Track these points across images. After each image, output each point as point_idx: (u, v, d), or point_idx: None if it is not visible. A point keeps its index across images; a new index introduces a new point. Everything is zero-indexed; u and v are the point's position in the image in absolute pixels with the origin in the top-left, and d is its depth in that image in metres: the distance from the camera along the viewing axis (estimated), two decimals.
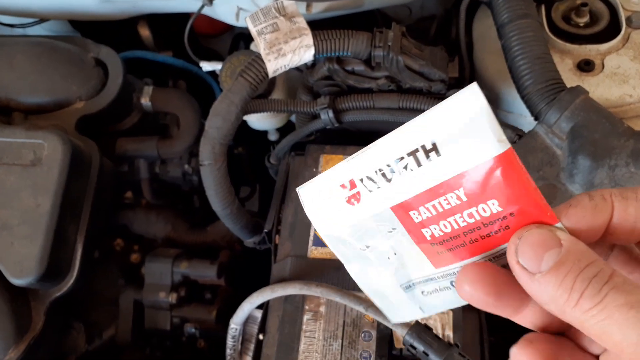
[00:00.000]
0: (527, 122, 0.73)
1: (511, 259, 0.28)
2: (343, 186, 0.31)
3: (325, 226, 0.33)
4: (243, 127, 1.05)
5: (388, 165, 0.29)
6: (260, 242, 0.79)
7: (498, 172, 0.28)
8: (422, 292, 0.33)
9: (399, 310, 0.35)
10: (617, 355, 0.27)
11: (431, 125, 0.28)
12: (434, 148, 0.28)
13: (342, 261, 0.34)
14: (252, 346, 0.73)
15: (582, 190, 0.62)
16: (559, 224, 0.29)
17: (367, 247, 0.33)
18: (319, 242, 0.67)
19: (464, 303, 0.32)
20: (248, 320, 0.71)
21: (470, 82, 0.76)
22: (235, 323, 0.69)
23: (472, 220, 0.29)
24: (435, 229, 0.30)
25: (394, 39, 0.66)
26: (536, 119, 0.68)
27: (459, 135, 0.27)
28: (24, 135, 0.70)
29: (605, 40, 0.75)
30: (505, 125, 0.68)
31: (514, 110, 0.80)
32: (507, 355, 0.59)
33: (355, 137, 0.78)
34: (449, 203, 0.29)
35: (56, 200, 0.67)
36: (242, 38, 1.08)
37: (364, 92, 0.71)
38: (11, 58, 0.79)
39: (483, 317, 0.64)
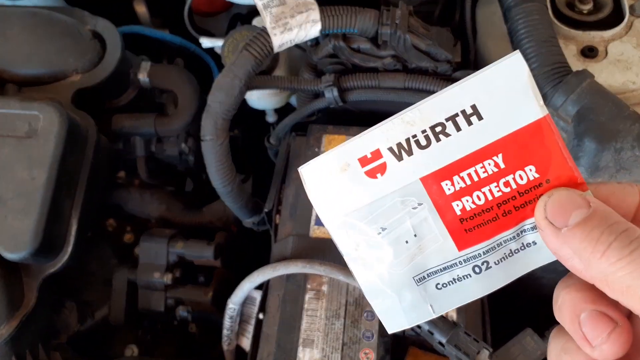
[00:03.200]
0: None
1: (539, 214, 0.28)
2: (365, 158, 0.29)
3: (330, 209, 0.31)
4: (239, 109, 1.04)
5: (423, 132, 0.28)
6: (260, 222, 0.78)
7: (538, 137, 0.28)
8: (437, 285, 0.31)
9: (405, 312, 0.32)
10: None
11: (473, 89, 0.28)
12: (475, 112, 0.28)
13: (343, 253, 0.31)
14: (249, 327, 0.72)
15: (587, 174, 0.62)
16: (589, 192, 0.28)
17: (383, 229, 0.30)
18: (321, 222, 0.66)
19: (483, 294, 0.31)
20: (246, 301, 0.70)
21: (475, 66, 0.75)
22: (234, 303, 0.67)
23: (508, 190, 0.29)
24: (467, 201, 0.29)
25: (402, 17, 0.65)
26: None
27: (502, 99, 0.27)
28: (18, 106, 0.68)
29: (609, 27, 0.75)
30: None
31: None
32: (506, 338, 0.59)
33: (357, 118, 0.77)
34: (485, 171, 0.28)
35: (51, 173, 0.65)
36: (239, 18, 1.06)
37: (369, 71, 0.70)
38: (5, 28, 0.76)
39: (485, 299, 0.64)
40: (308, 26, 0.63)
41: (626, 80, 0.72)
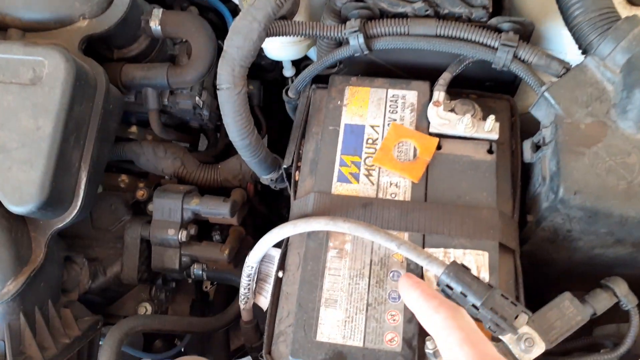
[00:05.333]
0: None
1: None
2: None
3: None
4: (255, 64, 0.99)
5: None
6: (278, 179, 0.74)
7: None
8: None
9: None
10: None
11: None
12: None
13: None
14: (266, 286, 0.69)
15: (635, 128, 0.57)
16: None
17: None
18: (344, 178, 0.62)
19: None
20: (264, 259, 0.66)
21: (509, 12, 0.67)
22: (252, 260, 0.64)
23: None
24: None
25: None
26: (584, 52, 0.63)
27: None
28: (21, 51, 0.64)
29: None
30: (551, 58, 0.62)
31: (552, 48, 0.74)
32: (540, 302, 0.55)
33: (383, 70, 0.72)
34: None
35: (58, 122, 0.61)
36: None
37: (398, 17, 0.65)
38: None
39: (518, 261, 0.60)
40: None
41: None
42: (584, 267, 0.69)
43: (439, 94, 0.64)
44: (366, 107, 0.66)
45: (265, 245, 0.62)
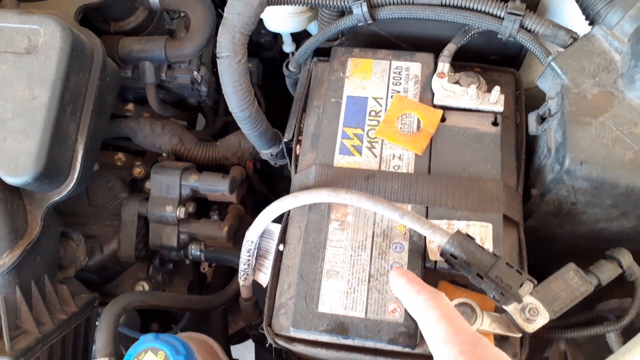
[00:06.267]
0: None
1: None
2: None
3: None
4: (253, 41, 0.97)
5: None
6: (278, 154, 0.73)
7: None
8: None
9: None
10: None
11: None
12: None
13: None
14: (266, 262, 0.68)
15: None
16: None
17: None
18: (347, 151, 0.61)
19: None
20: (263, 234, 0.65)
21: None
22: (252, 235, 0.63)
23: None
24: None
25: None
26: (591, 23, 0.62)
27: None
28: (16, 19, 0.62)
29: None
30: (558, 27, 0.61)
31: (558, 21, 0.73)
32: (542, 275, 0.54)
33: (386, 44, 0.71)
34: None
35: (54, 92, 0.60)
36: None
37: None
38: None
39: (522, 233, 0.59)
40: None
41: None
42: (587, 243, 0.68)
43: (444, 66, 0.63)
44: (369, 78, 0.65)
45: (266, 219, 0.61)
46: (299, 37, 0.86)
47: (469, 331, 0.39)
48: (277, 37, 0.98)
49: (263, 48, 0.98)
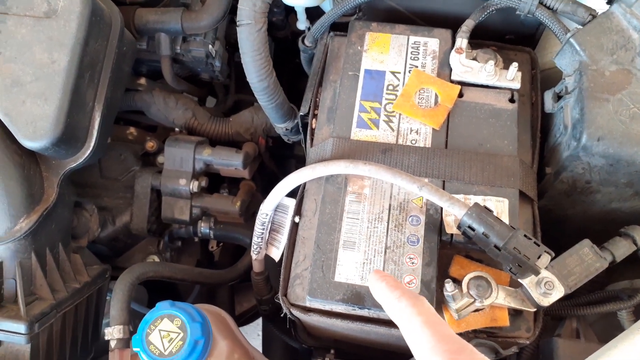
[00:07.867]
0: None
1: None
2: None
3: None
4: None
5: None
6: (293, 129, 0.73)
7: None
8: None
9: None
10: None
11: None
12: None
13: None
14: (279, 236, 0.68)
15: None
16: None
17: None
18: (364, 124, 0.62)
19: None
20: (277, 208, 0.66)
21: None
22: (267, 208, 0.63)
23: None
24: None
25: None
26: (610, 1, 0.62)
27: None
28: None
29: None
30: (577, 4, 0.61)
31: None
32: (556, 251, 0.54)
33: (403, 19, 0.71)
34: None
35: (73, 56, 0.60)
36: None
37: None
38: None
39: (536, 210, 0.59)
40: None
41: None
42: (599, 225, 0.68)
43: (462, 41, 0.63)
44: (387, 53, 0.65)
45: (283, 191, 0.61)
46: (312, 16, 0.85)
47: (453, 338, 0.39)
48: (288, 17, 0.97)
49: (275, 27, 0.98)
